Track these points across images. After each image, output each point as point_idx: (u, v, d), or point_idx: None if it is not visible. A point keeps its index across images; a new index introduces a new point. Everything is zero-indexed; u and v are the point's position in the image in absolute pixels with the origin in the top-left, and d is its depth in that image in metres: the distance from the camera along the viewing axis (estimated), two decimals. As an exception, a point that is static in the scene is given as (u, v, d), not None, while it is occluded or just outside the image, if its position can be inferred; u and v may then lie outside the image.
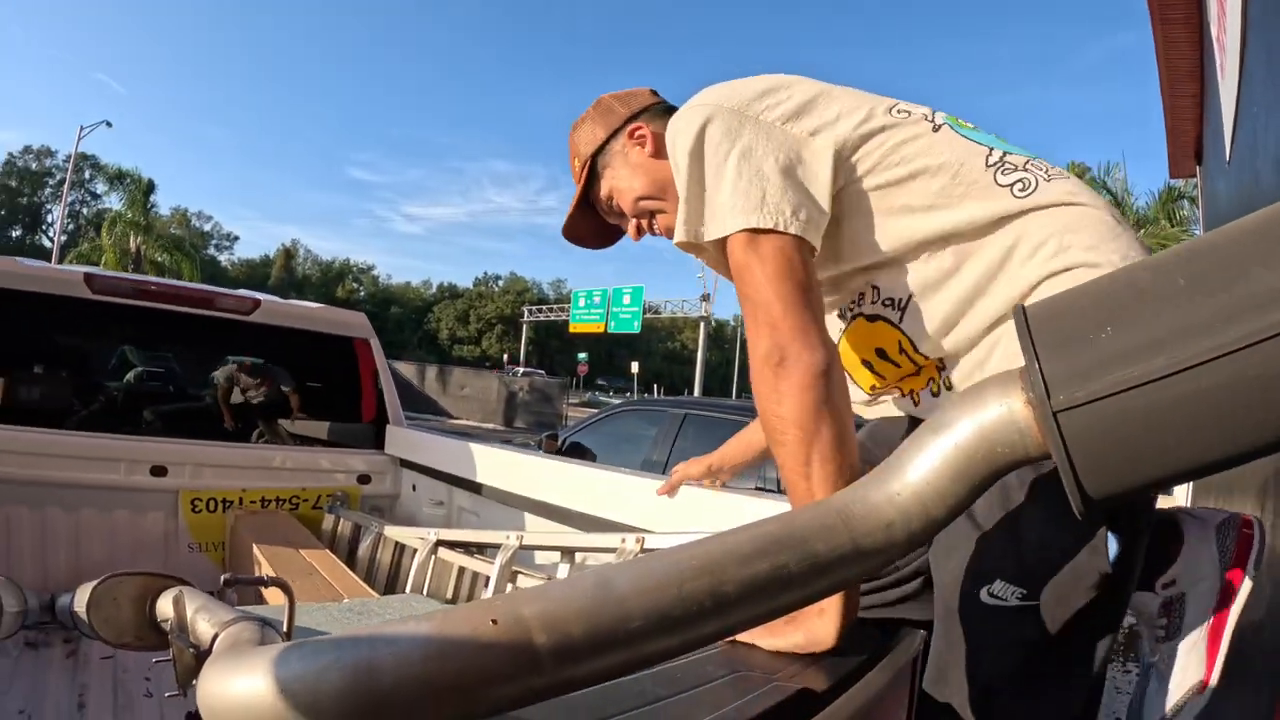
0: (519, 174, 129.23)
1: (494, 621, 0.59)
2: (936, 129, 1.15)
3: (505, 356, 55.88)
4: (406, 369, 27.62)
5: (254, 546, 2.60)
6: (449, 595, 2.42)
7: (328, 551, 2.71)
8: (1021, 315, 0.74)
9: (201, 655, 0.99)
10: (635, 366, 45.00)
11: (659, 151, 1.33)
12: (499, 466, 2.83)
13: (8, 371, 3.46)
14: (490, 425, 23.84)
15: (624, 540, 1.96)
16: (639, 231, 1.42)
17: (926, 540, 0.79)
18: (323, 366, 3.93)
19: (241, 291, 3.54)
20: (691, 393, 41.23)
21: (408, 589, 2.48)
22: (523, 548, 2.21)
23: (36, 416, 3.18)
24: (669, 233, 1.31)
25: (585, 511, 2.36)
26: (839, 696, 0.82)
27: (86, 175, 52.40)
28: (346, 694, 0.52)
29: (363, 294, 72.43)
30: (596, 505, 2.33)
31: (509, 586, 2.17)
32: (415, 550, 2.62)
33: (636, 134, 1.35)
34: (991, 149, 1.14)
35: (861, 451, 1.05)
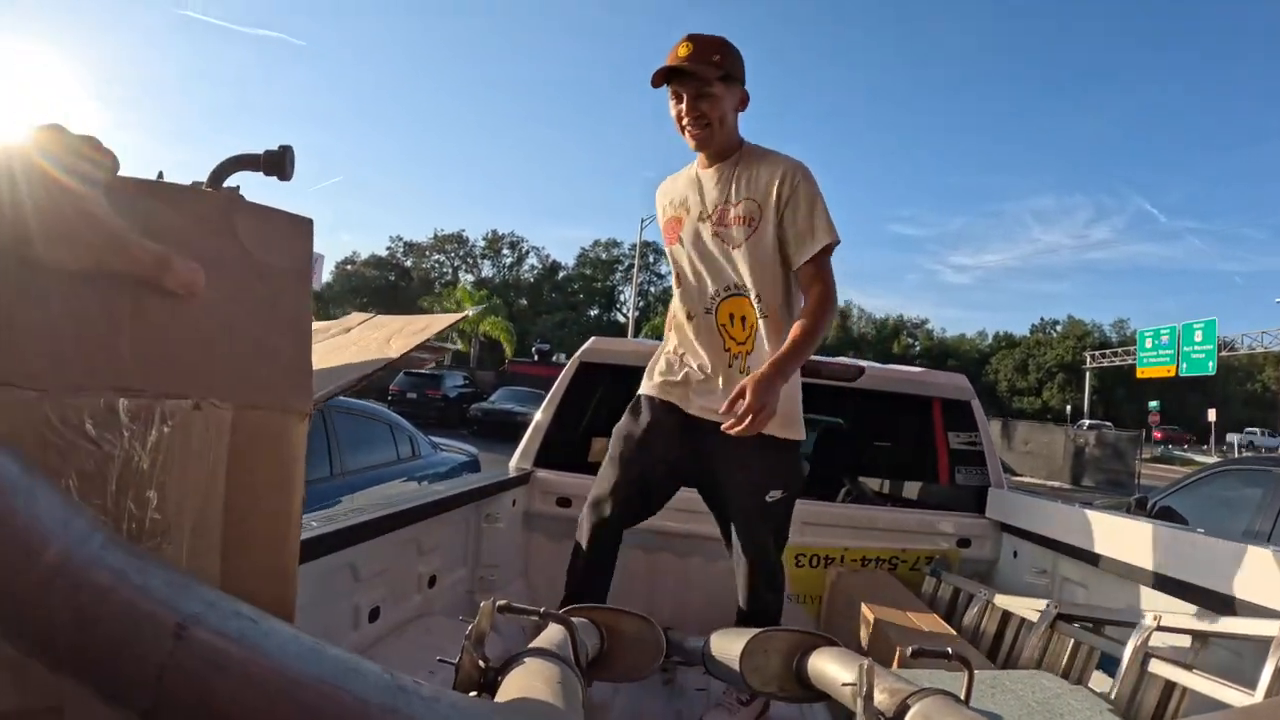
0: (1062, 208, 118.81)
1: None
2: None
3: (1069, 409, 51.66)
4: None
5: (862, 605, 2.66)
6: (1061, 672, 2.26)
7: (935, 616, 2.68)
8: None
9: None
10: (1212, 414, 38.73)
11: (741, 108, 2.36)
12: (1113, 535, 2.56)
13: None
14: (1056, 483, 22.10)
15: None
16: (689, 110, 2.28)
17: None
18: (920, 428, 3.92)
19: (843, 359, 3.74)
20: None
21: (1019, 663, 2.37)
22: (1158, 629, 1.98)
23: None
24: (699, 119, 2.27)
25: (1220, 590, 2.04)
26: None
27: (650, 259, 61.46)
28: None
29: (917, 349, 72.44)
30: (1235, 584, 1.97)
31: (1138, 670, 1.95)
32: (1024, 620, 2.48)
33: (744, 96, 2.35)
34: None
35: None
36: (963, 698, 1.02)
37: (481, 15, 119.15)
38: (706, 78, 2.22)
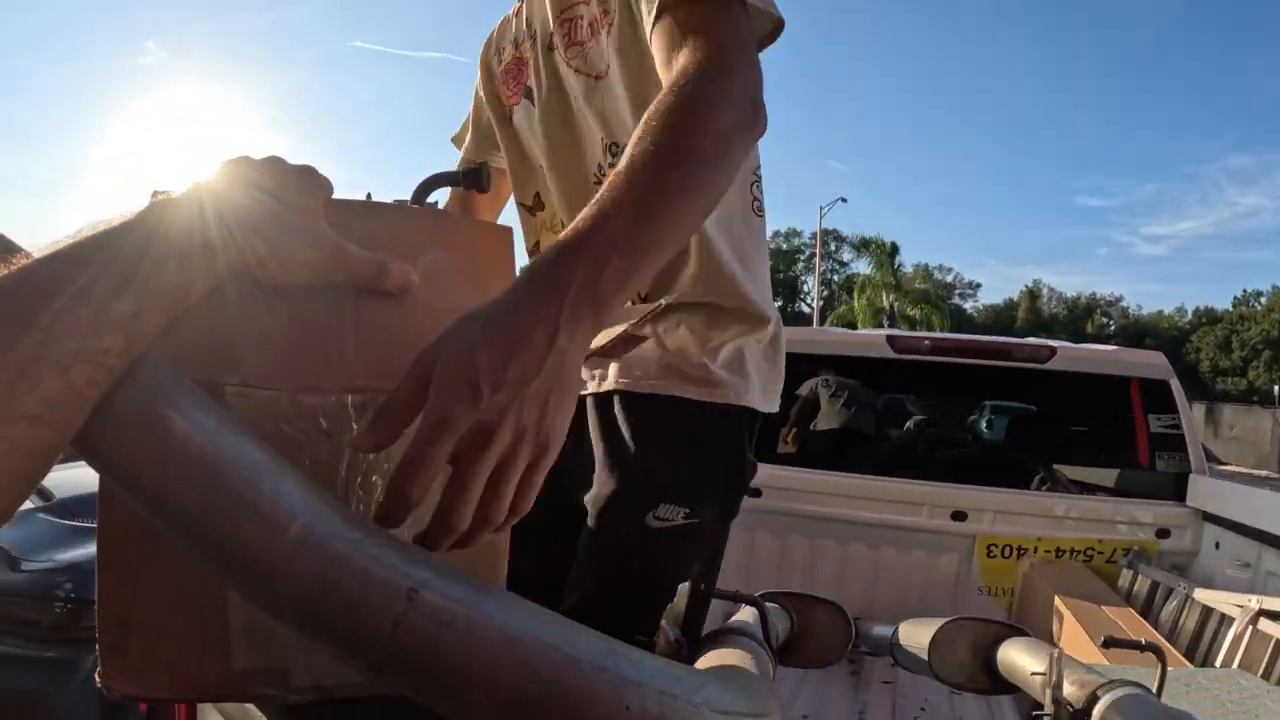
0: (1260, 166, 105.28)
1: None
2: None
3: (1277, 389, 47.08)
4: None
5: (1056, 598, 2.66)
6: (1260, 671, 2.22)
7: (1132, 611, 2.64)
8: None
9: (1075, 713, 1.02)
10: None
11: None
12: None
13: (804, 424, 3.96)
14: (1264, 472, 20.13)
15: None
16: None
17: None
18: (1116, 410, 3.73)
19: (1033, 340, 3.70)
20: None
21: (1218, 661, 2.34)
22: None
23: (826, 462, 3.56)
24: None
25: None
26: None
27: (831, 247, 60.51)
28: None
29: (1112, 328, 67.49)
30: None
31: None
32: (1224, 617, 2.44)
33: None
34: None
35: None
36: (1154, 692, 1.03)
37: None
38: None
